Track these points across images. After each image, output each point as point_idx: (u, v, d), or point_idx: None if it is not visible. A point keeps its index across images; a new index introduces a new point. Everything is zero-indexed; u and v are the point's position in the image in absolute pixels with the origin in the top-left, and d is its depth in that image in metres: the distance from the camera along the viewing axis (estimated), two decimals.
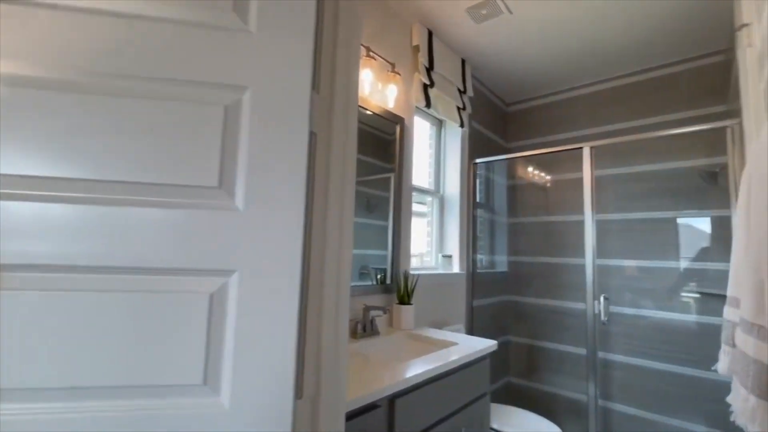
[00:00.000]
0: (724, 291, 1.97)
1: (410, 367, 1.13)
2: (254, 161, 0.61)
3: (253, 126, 0.62)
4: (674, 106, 2.24)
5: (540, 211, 2.73)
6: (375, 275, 1.71)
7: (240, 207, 0.61)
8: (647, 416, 2.17)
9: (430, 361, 1.20)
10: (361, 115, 1.68)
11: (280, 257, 0.61)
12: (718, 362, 0.64)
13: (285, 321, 0.60)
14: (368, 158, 1.75)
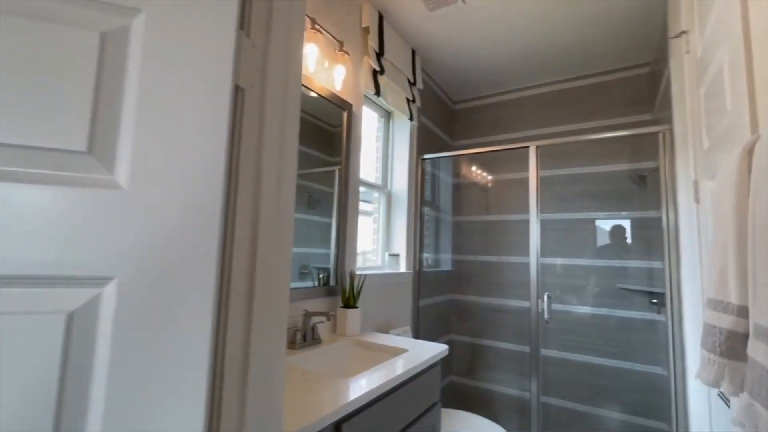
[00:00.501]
0: (645, 286, 2.10)
1: (358, 383, 0.98)
2: (147, 118, 0.42)
3: (146, 67, 0.43)
4: (608, 112, 2.36)
5: (484, 209, 2.75)
6: (317, 275, 1.53)
7: (122, 183, 0.41)
8: (578, 408, 2.27)
9: (379, 374, 1.07)
10: (304, 96, 1.49)
11: (185, 258, 0.42)
12: (700, 371, 0.58)
13: (191, 354, 0.42)
14: (310, 149, 1.56)
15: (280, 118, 0.53)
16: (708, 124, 1.17)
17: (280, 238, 0.57)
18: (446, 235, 2.80)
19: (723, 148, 1.02)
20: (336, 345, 1.38)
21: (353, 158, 1.73)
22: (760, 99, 0.72)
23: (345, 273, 1.62)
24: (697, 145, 1.29)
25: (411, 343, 1.43)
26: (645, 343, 2.13)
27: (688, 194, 1.43)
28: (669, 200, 1.65)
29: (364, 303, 1.75)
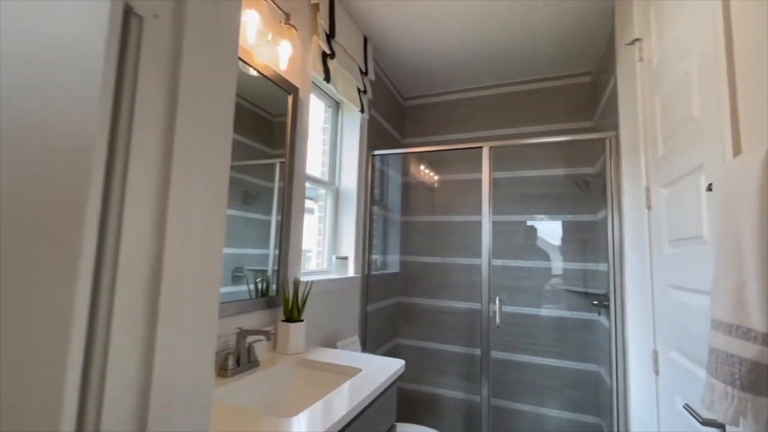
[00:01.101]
0: (587, 288, 2.18)
1: (304, 421, 0.80)
2: None
3: None
4: (553, 118, 2.42)
5: (433, 210, 2.68)
6: (254, 281, 1.31)
7: None
8: (524, 408, 2.30)
9: (332, 405, 0.90)
10: (242, 75, 1.26)
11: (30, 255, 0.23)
12: (713, 404, 0.51)
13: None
14: (247, 139, 1.33)
15: (204, 69, 0.34)
16: (665, 131, 1.17)
17: (206, 241, 0.38)
18: (395, 235, 2.69)
19: (685, 155, 1.01)
20: (277, 368, 1.18)
21: (300, 150, 1.53)
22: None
23: (288, 280, 1.42)
24: (650, 152, 1.30)
25: (364, 360, 1.27)
26: (583, 342, 2.22)
27: (636, 200, 1.46)
28: (614, 205, 1.70)
29: (309, 314, 1.56)
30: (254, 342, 1.16)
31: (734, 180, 0.56)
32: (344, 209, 2.06)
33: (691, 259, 0.98)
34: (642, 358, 1.40)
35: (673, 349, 1.12)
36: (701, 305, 0.92)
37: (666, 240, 1.17)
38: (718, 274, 0.57)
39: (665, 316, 1.18)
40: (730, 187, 0.57)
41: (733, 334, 0.51)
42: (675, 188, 1.10)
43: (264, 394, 1.09)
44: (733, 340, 0.51)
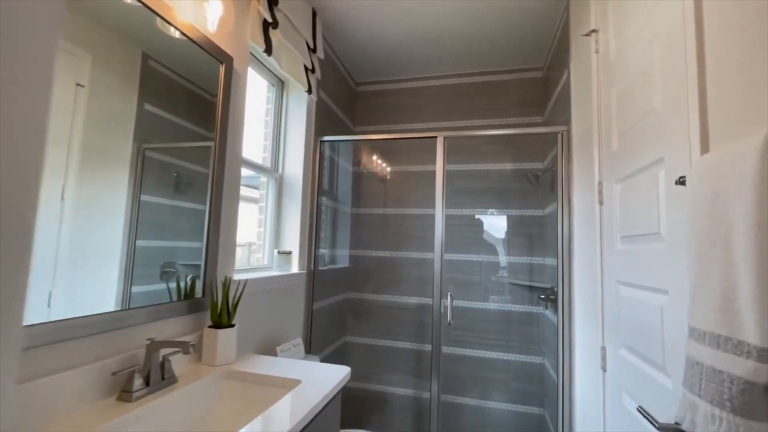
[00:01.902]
0: (533, 282, 2.21)
1: None
2: None
3: None
4: (506, 111, 2.41)
5: (385, 202, 2.58)
6: (176, 281, 1.11)
7: None
8: (471, 403, 2.29)
9: (272, 427, 0.75)
10: (162, 36, 1.04)
11: None
12: (696, 426, 0.44)
13: None
14: (178, 118, 1.14)
15: None
16: (621, 125, 1.15)
17: None
18: (344, 228, 2.55)
19: (643, 149, 0.98)
20: (200, 383, 1.00)
21: (234, 130, 1.33)
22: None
23: (216, 279, 1.22)
24: (604, 147, 1.29)
25: (305, 368, 1.13)
26: (529, 335, 2.25)
27: (587, 195, 1.45)
28: (564, 200, 1.69)
29: (244, 316, 1.38)
30: (171, 355, 0.97)
31: (721, 171, 0.50)
32: (288, 199, 1.87)
33: (645, 255, 0.95)
34: (589, 353, 1.41)
35: (622, 347, 1.11)
36: (654, 303, 0.90)
37: (618, 236, 1.15)
38: (699, 277, 0.51)
39: (614, 313, 1.17)
40: (714, 180, 0.51)
41: (722, 347, 0.45)
42: (629, 183, 1.07)
43: (180, 418, 0.91)
44: (722, 355, 0.45)
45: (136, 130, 1.02)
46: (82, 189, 0.87)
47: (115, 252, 0.95)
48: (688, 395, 0.50)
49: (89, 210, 0.89)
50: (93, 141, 0.90)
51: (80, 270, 0.86)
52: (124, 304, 0.97)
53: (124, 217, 0.98)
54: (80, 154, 0.86)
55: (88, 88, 0.89)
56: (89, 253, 0.88)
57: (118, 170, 0.97)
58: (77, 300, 0.85)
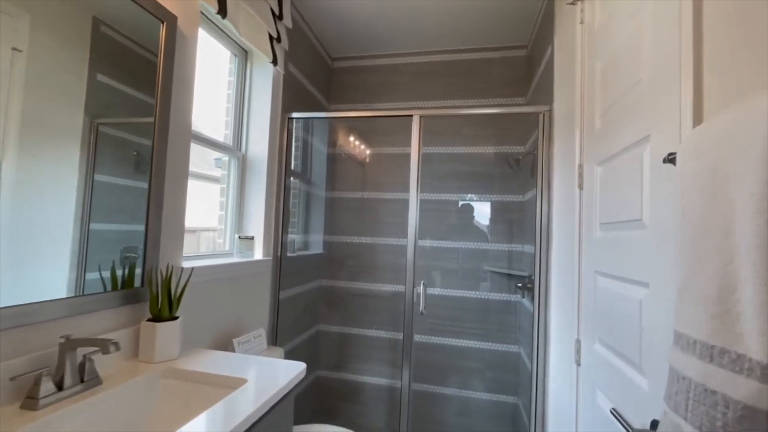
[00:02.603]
0: (511, 270, 2.14)
1: None
2: None
3: None
4: (487, 92, 2.29)
5: (361, 185, 2.46)
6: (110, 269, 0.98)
7: None
8: (445, 392, 2.24)
9: None
10: None
11: None
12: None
13: None
14: (134, 90, 1.04)
15: None
16: (604, 102, 1.05)
17: None
18: (318, 213, 2.43)
19: (627, 126, 0.88)
20: (131, 385, 0.88)
21: (180, 99, 1.18)
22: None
23: (157, 266, 1.10)
24: (586, 126, 1.19)
25: (256, 365, 1.03)
26: (506, 324, 2.19)
27: (567, 179, 1.37)
28: (544, 185, 1.61)
29: (197, 307, 1.26)
30: (94, 353, 0.85)
31: (721, 143, 0.40)
32: (252, 181, 1.74)
33: (626, 244, 0.87)
34: (563, 346, 1.35)
35: (597, 341, 1.04)
36: (633, 297, 0.82)
37: (597, 223, 1.07)
38: (689, 272, 0.42)
39: (591, 305, 1.09)
40: (712, 154, 0.42)
41: (716, 361, 0.36)
42: (611, 165, 0.98)
43: (98, 428, 0.79)
44: (716, 370, 0.36)
45: (87, 103, 0.91)
46: (24, 165, 0.78)
47: (65, 236, 0.87)
48: (671, 415, 0.41)
49: (33, 189, 0.80)
50: (36, 113, 0.80)
51: (26, 256, 0.78)
52: (78, 291, 0.89)
53: (76, 198, 0.89)
54: (20, 127, 0.77)
55: (27, 53, 0.78)
56: (35, 237, 0.80)
57: (68, 146, 0.87)
58: (27, 288, 0.78)
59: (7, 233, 0.75)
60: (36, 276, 0.81)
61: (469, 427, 2.19)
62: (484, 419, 2.18)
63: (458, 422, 2.21)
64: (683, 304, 0.42)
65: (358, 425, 2.27)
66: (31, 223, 0.80)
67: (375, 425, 2.29)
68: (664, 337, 0.69)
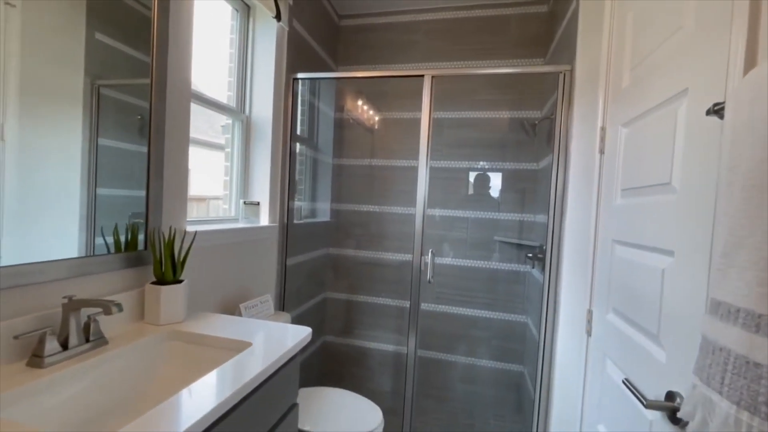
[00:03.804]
0: (522, 240, 2.10)
1: None
2: None
3: None
4: (503, 51, 2.16)
5: (370, 152, 2.39)
6: (113, 232, 0.97)
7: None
8: (450, 359, 2.27)
9: (190, 403, 0.65)
10: None
11: None
12: (708, 426, 0.32)
13: None
14: (135, 51, 0.99)
15: None
16: (636, 55, 0.96)
17: None
18: (325, 180, 2.38)
19: (660, 81, 0.80)
20: (136, 345, 0.88)
21: (175, 54, 1.11)
22: None
23: (159, 230, 1.08)
24: (612, 85, 1.10)
25: (261, 328, 1.02)
26: (514, 294, 2.17)
27: (587, 143, 1.29)
28: (561, 150, 1.53)
29: (203, 271, 1.25)
30: (99, 314, 0.85)
31: None
32: (257, 145, 1.69)
33: (650, 210, 0.81)
34: (573, 316, 1.32)
35: (611, 311, 1.01)
36: (654, 266, 0.78)
37: (618, 189, 1.00)
38: (738, 234, 0.37)
39: (606, 275, 1.05)
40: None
41: (762, 332, 0.32)
42: (639, 126, 0.91)
43: (105, 387, 0.80)
44: (762, 341, 0.32)
45: (87, 63, 0.87)
46: (27, 129, 0.75)
47: (72, 200, 0.86)
48: (702, 388, 0.38)
49: (37, 153, 0.78)
50: (35, 73, 0.76)
51: (32, 218, 0.78)
52: (88, 253, 0.89)
53: (81, 162, 0.87)
54: (19, 88, 0.74)
55: (20, 8, 0.73)
56: (42, 200, 0.79)
57: (70, 109, 0.84)
58: (33, 249, 0.78)
59: (12, 194, 0.74)
60: (42, 237, 0.80)
61: (474, 393, 2.23)
62: (489, 386, 2.21)
63: (463, 388, 2.25)
64: (726, 269, 0.38)
65: (365, 389, 2.33)
66: (36, 186, 0.78)
67: (381, 389, 2.35)
68: (687, 307, 0.65)
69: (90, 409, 0.75)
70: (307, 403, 1.45)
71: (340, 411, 1.44)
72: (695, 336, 0.61)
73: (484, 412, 2.20)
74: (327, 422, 1.35)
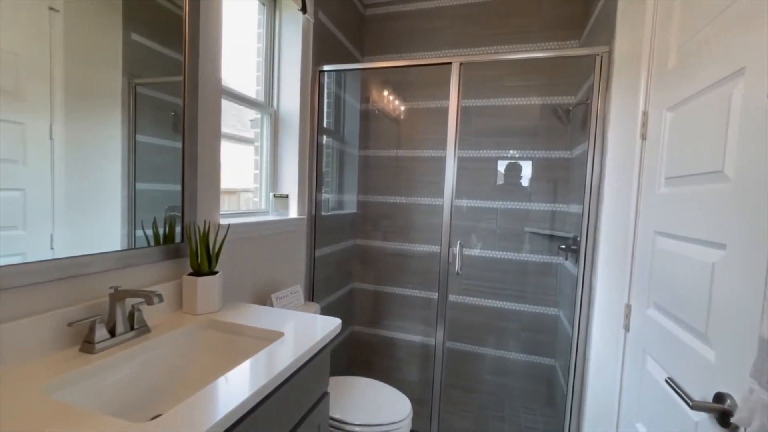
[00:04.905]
0: (554, 231, 2.03)
1: (176, 424, 0.57)
2: None
3: None
4: (535, 35, 2.06)
5: (396, 143, 2.37)
6: (152, 226, 1.02)
7: None
8: (479, 351, 2.25)
9: (226, 391, 0.67)
10: None
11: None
12: (747, 423, 0.30)
13: None
14: (167, 49, 1.02)
15: None
16: (684, 32, 0.89)
17: None
18: (351, 172, 2.39)
19: (713, 59, 0.74)
20: (176, 334, 0.93)
21: (206, 51, 1.14)
22: None
23: (195, 223, 1.12)
24: (656, 66, 1.03)
25: (292, 319, 1.05)
26: (545, 286, 2.12)
27: (626, 129, 1.22)
28: (597, 137, 1.45)
29: (236, 263, 1.29)
30: (142, 304, 0.89)
31: None
32: (285, 138, 1.71)
33: (699, 200, 0.76)
34: (609, 310, 1.27)
35: (652, 306, 0.96)
36: (703, 260, 0.73)
37: (662, 177, 0.95)
38: None
39: (647, 268, 1.00)
40: None
41: None
42: (686, 109, 0.85)
43: (148, 373, 0.84)
44: None
45: (124, 63, 0.91)
46: (72, 128, 0.79)
47: (114, 194, 0.90)
48: (760, 393, 0.35)
49: (82, 151, 0.82)
50: (77, 75, 0.80)
51: (79, 212, 0.82)
52: (130, 245, 0.94)
53: (121, 159, 0.91)
54: (64, 90, 0.78)
55: (63, 12, 0.77)
56: (87, 195, 0.84)
57: (110, 108, 0.88)
58: (81, 242, 0.82)
59: (61, 190, 0.78)
60: (88, 231, 0.85)
61: (504, 386, 2.21)
62: (518, 378, 2.18)
63: (492, 380, 2.23)
64: None
65: (392, 378, 2.36)
66: (82, 182, 0.83)
67: (408, 379, 2.37)
68: (741, 305, 0.60)
69: (135, 394, 0.80)
70: (337, 391, 1.48)
71: (369, 400, 1.46)
72: (749, 336, 0.57)
73: (514, 404, 2.18)
74: (357, 411, 1.37)
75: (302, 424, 0.89)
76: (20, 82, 0.71)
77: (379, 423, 1.33)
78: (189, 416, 0.59)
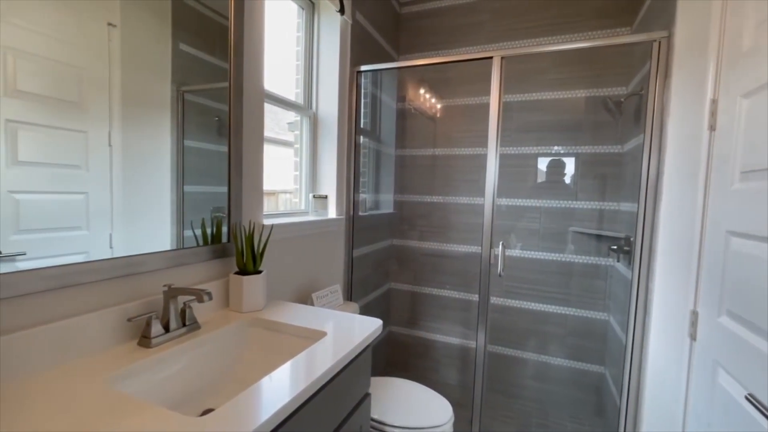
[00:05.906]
0: (603, 231, 1.91)
1: (225, 422, 0.58)
2: None
3: None
4: (580, 25, 1.95)
5: (434, 142, 2.34)
6: (201, 226, 1.06)
7: None
8: (521, 355, 2.16)
9: (272, 390, 0.68)
10: None
11: None
12: None
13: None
14: (211, 57, 1.06)
15: None
16: (763, 6, 0.80)
17: None
18: (388, 171, 2.38)
19: None
20: (224, 331, 0.95)
21: (251, 58, 1.17)
22: None
23: (240, 224, 1.15)
24: (728, 49, 0.93)
25: (334, 319, 1.05)
26: (593, 289, 2.00)
27: (688, 120, 1.12)
28: (654, 129, 1.35)
29: (278, 262, 1.32)
30: (192, 301, 0.93)
31: None
32: (324, 139, 1.73)
33: None
34: (671, 316, 1.17)
35: (725, 314, 0.87)
36: None
37: (737, 171, 0.85)
38: None
39: (718, 272, 0.91)
40: None
41: None
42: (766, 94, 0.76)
43: (201, 365, 0.87)
44: None
45: (173, 72, 0.96)
46: (127, 135, 0.85)
47: (164, 196, 0.95)
48: None
49: (136, 156, 0.87)
50: (132, 84, 0.85)
51: (134, 214, 0.87)
52: (178, 246, 0.98)
53: (170, 163, 0.96)
54: (121, 99, 0.83)
55: (120, 27, 0.82)
56: (140, 198, 0.89)
57: (160, 114, 0.93)
58: (135, 242, 0.87)
59: (119, 193, 0.83)
60: (143, 232, 0.89)
61: (548, 392, 2.11)
62: (564, 385, 2.07)
63: (535, 386, 2.14)
64: None
65: (430, 380, 2.32)
66: (137, 185, 0.87)
67: (446, 381, 2.32)
68: None
69: (186, 387, 0.83)
70: (378, 393, 1.48)
71: (410, 403, 1.44)
72: None
73: (560, 412, 2.07)
74: (397, 413, 1.36)
75: (345, 423, 0.88)
76: (83, 93, 0.76)
77: (421, 426, 1.31)
78: (239, 413, 0.59)
